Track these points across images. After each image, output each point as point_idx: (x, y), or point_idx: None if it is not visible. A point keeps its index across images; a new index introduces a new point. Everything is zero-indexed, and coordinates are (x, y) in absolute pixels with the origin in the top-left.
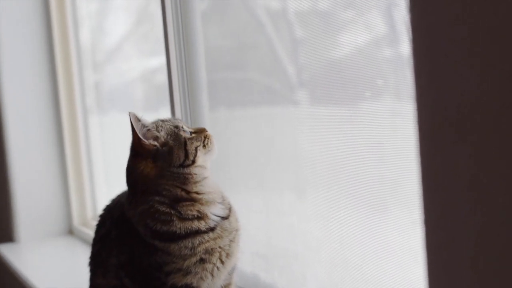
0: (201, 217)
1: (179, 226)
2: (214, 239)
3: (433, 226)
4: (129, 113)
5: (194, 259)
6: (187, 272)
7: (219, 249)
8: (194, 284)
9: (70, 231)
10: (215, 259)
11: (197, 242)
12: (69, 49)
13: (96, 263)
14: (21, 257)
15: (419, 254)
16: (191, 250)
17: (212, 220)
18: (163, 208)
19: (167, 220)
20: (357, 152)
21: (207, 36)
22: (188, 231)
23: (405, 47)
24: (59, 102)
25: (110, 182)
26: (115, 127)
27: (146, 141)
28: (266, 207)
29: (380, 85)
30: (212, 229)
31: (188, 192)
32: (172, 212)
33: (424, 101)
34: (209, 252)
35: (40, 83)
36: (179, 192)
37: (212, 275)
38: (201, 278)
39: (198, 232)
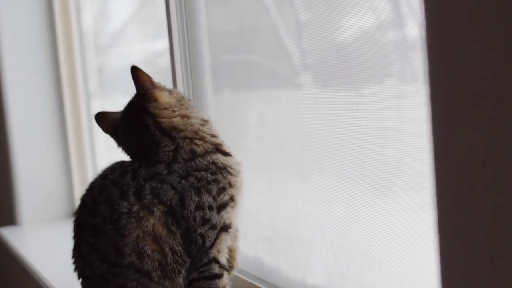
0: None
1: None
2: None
3: (445, 209)
4: (132, 65)
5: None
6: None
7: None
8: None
9: (73, 215)
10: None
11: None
12: (71, 33)
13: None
14: (23, 240)
15: (427, 236)
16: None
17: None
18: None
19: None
20: (361, 134)
21: (211, 19)
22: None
23: (410, 30)
24: (62, 86)
25: None
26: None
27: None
28: (270, 190)
29: (384, 68)
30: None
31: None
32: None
33: (438, 83)
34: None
35: (42, 67)
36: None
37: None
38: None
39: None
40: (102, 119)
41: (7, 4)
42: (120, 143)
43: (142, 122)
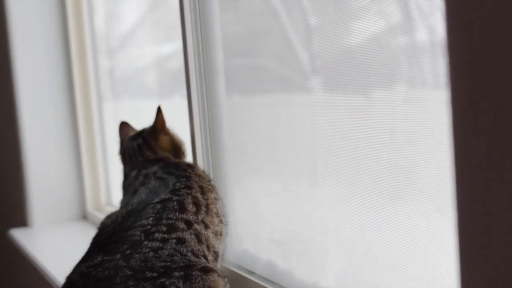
0: None
1: None
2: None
3: (466, 215)
4: (159, 105)
5: None
6: None
7: None
8: None
9: (84, 216)
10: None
11: None
12: (84, 36)
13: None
14: (35, 241)
15: (442, 241)
16: None
17: None
18: None
19: None
20: (372, 139)
21: (223, 22)
22: None
23: (420, 35)
24: (74, 88)
25: None
26: (129, 113)
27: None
28: (284, 193)
29: (394, 72)
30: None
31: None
32: None
33: (459, 86)
34: None
35: (54, 69)
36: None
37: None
38: None
39: None
40: (124, 127)
41: (20, 6)
42: (122, 152)
43: (138, 143)
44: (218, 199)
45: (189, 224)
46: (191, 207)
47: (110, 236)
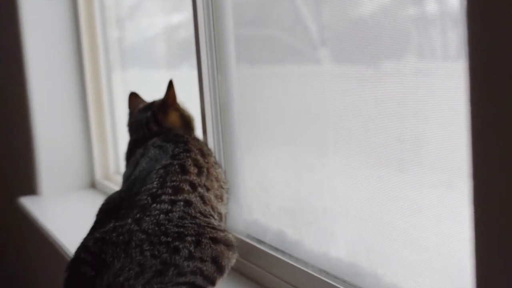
0: None
1: None
2: None
3: (482, 185)
4: (171, 79)
5: None
6: None
7: None
8: None
9: (92, 185)
10: None
11: None
12: (93, 5)
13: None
14: (44, 209)
15: (455, 212)
16: None
17: None
18: None
19: None
20: (382, 110)
21: None
22: None
23: (430, 6)
24: (83, 57)
25: None
26: (137, 83)
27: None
28: (294, 163)
29: (403, 44)
30: None
31: None
32: None
33: (478, 56)
34: None
35: (63, 39)
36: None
37: None
38: None
39: None
40: (134, 98)
41: None
42: (130, 124)
43: (146, 116)
44: (218, 164)
45: (193, 186)
46: (192, 169)
47: (118, 204)
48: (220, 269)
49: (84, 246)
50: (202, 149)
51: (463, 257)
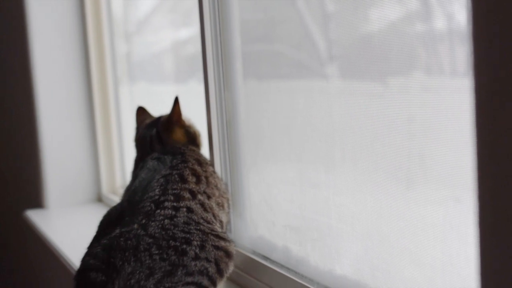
0: None
1: None
2: None
3: (487, 202)
4: (176, 96)
5: None
6: None
7: None
8: None
9: (99, 199)
10: None
11: None
12: (101, 19)
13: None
14: (50, 223)
15: (461, 230)
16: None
17: None
18: None
19: None
20: (389, 126)
21: (242, 7)
22: None
23: (438, 23)
24: (91, 71)
25: None
26: (145, 97)
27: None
28: (300, 180)
29: (411, 60)
30: None
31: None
32: None
33: (483, 74)
34: None
35: (72, 53)
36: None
37: None
38: None
39: None
40: (141, 113)
41: None
42: (136, 139)
43: (150, 134)
44: (217, 174)
45: (193, 194)
46: (190, 178)
47: (120, 213)
48: (220, 272)
49: (91, 253)
50: (199, 158)
51: (468, 276)
